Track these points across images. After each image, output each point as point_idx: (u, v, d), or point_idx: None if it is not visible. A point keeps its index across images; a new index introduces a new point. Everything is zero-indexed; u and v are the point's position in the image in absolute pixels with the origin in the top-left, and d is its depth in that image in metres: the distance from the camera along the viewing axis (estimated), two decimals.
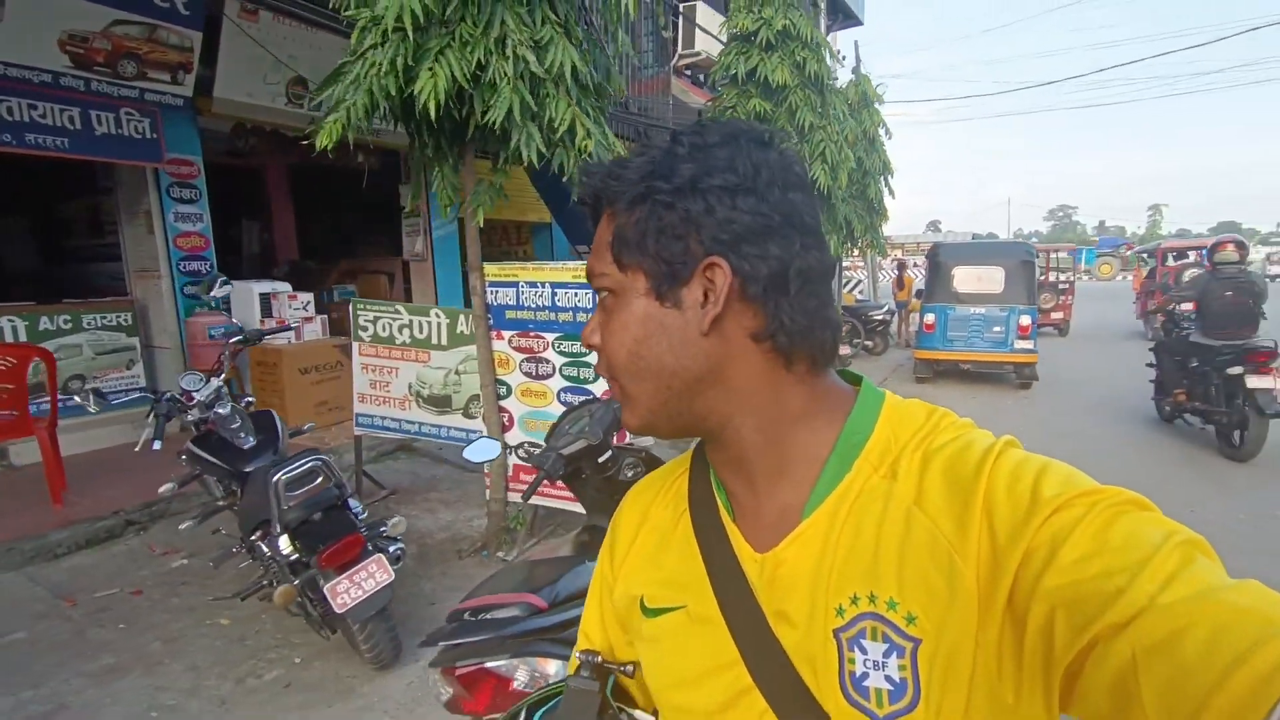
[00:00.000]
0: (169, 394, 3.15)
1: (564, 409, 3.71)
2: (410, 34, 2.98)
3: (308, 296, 5.87)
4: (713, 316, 0.56)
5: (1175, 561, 0.42)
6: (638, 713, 0.74)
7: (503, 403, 3.96)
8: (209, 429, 3.29)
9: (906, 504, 0.53)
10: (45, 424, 3.99)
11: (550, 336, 3.74)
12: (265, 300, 5.73)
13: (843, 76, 9.57)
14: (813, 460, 0.58)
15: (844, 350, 7.83)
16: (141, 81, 5.08)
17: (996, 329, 8.64)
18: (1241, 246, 5.98)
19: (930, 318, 9.04)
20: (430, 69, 3.05)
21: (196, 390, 3.27)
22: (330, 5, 3.26)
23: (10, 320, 4.98)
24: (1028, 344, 8.53)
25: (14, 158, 4.70)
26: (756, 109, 6.43)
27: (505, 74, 3.13)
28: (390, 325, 4.34)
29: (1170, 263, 14.20)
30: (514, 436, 3.96)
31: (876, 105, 9.67)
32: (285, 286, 5.79)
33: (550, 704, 0.76)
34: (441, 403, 4.23)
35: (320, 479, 2.56)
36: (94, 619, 3.23)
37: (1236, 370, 5.37)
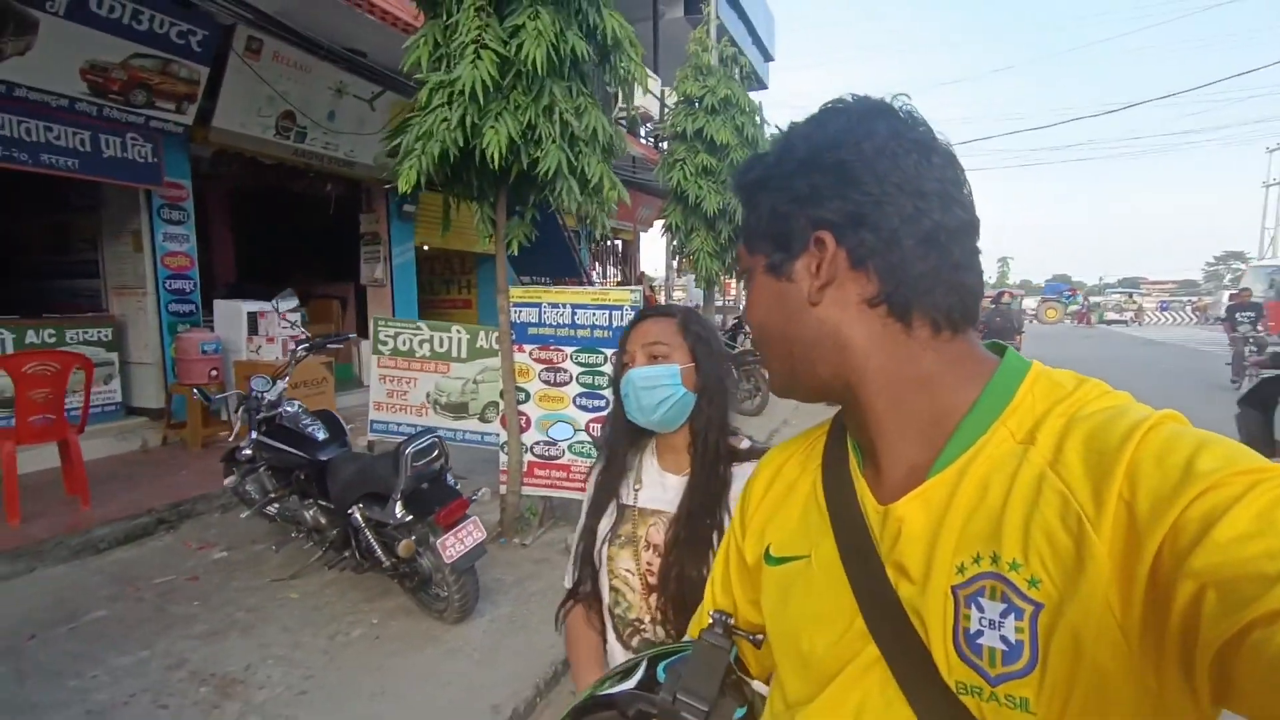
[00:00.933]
0: (256, 393, 3.56)
1: (579, 411, 4.43)
2: (481, 98, 3.67)
3: (296, 316, 6.17)
4: (820, 286, 0.59)
5: None
6: (755, 683, 0.76)
7: (521, 407, 4.56)
8: (275, 425, 3.72)
9: (1040, 467, 0.51)
10: (75, 429, 4.18)
11: (569, 349, 4.41)
12: (252, 318, 6.00)
13: None
14: (943, 422, 0.58)
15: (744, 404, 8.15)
16: (149, 109, 5.35)
17: None
18: (1012, 294, 12.29)
19: None
20: (493, 127, 3.74)
21: (266, 391, 3.71)
22: (403, 70, 3.88)
23: None
24: None
25: None
26: (703, 163, 7.45)
27: (551, 134, 3.87)
28: (411, 340, 4.85)
29: (989, 305, 19.73)
30: (530, 437, 4.57)
31: None
32: (273, 305, 6.06)
33: (672, 658, 0.78)
34: (459, 409, 4.78)
35: (436, 453, 3.11)
36: (167, 599, 3.52)
37: None
